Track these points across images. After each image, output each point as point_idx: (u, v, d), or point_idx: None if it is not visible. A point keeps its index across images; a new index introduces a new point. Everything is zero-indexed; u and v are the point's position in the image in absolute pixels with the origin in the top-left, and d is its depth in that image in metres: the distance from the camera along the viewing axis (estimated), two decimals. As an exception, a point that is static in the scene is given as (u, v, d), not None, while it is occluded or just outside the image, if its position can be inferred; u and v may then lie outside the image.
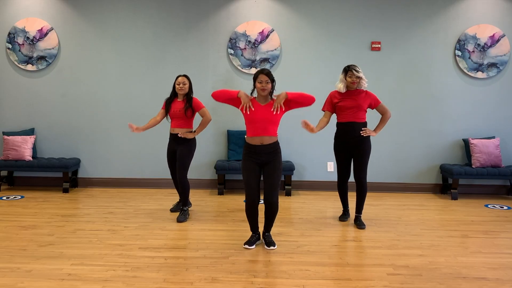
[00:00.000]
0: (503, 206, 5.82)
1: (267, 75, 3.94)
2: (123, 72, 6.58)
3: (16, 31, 6.50)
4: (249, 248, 4.03)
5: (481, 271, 3.60)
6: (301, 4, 6.45)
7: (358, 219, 4.81)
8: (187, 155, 4.91)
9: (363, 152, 4.70)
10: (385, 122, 4.80)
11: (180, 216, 4.91)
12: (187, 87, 4.93)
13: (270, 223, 4.11)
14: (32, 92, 6.60)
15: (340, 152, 4.80)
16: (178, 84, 4.92)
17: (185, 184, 4.92)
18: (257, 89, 3.98)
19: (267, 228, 4.13)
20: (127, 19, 6.53)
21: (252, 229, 4.16)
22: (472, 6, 6.39)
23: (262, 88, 3.93)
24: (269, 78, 3.94)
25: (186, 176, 4.92)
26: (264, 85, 3.93)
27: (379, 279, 3.41)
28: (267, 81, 3.94)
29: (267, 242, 4.08)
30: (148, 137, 6.60)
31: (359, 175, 4.71)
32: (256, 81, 3.96)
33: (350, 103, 4.66)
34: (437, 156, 6.54)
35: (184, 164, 4.90)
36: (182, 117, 4.91)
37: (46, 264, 3.63)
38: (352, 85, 4.66)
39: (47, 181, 6.65)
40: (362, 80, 4.67)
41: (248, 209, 4.04)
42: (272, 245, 4.05)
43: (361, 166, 4.70)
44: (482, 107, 6.47)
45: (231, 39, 6.48)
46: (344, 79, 4.69)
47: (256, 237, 4.14)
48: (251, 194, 3.96)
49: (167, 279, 3.36)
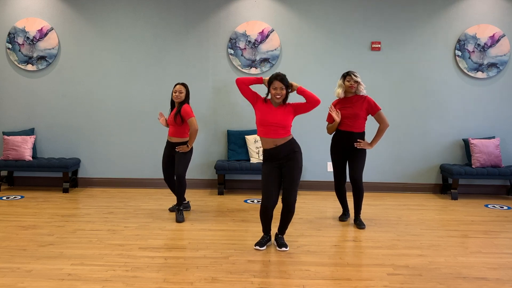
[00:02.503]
0: (503, 206, 5.82)
1: (281, 81, 3.89)
2: (123, 72, 6.58)
3: (16, 31, 6.50)
4: (259, 249, 4.00)
5: (481, 271, 3.60)
6: (301, 4, 6.45)
7: (357, 219, 4.82)
8: (185, 157, 4.97)
9: (358, 156, 4.73)
10: (382, 134, 4.73)
11: (179, 216, 4.91)
12: (183, 95, 4.98)
13: (285, 224, 4.05)
14: (32, 92, 6.60)
15: (336, 155, 4.85)
16: (175, 92, 5.00)
17: (183, 181, 4.94)
18: (271, 94, 3.94)
19: (282, 230, 4.08)
20: (127, 19, 6.53)
21: (264, 231, 4.11)
22: (472, 6, 6.39)
23: (276, 95, 3.90)
24: (283, 85, 3.89)
25: (185, 175, 4.95)
26: (279, 92, 3.89)
27: (379, 279, 3.41)
28: (282, 88, 3.89)
29: (279, 243, 4.04)
30: (148, 137, 6.61)
31: (354, 176, 4.73)
32: (271, 87, 3.92)
33: (348, 111, 4.68)
34: (437, 156, 6.54)
35: (184, 163, 4.96)
36: (174, 124, 4.98)
37: (46, 264, 3.63)
38: (350, 89, 4.68)
39: (47, 181, 6.65)
40: (360, 85, 4.68)
41: (263, 213, 3.99)
42: (284, 247, 4.01)
43: (356, 168, 4.73)
44: (482, 107, 6.47)
45: (231, 39, 6.48)
46: (343, 84, 4.72)
47: (267, 239, 4.10)
48: (267, 199, 3.91)
49: (167, 279, 3.36)
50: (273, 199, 3.91)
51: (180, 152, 4.93)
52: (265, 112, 3.93)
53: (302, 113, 4.04)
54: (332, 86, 5.10)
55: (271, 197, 3.90)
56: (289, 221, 4.05)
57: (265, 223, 4.06)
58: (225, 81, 6.51)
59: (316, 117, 6.30)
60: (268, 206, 3.92)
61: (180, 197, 4.97)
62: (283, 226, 4.07)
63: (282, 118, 3.90)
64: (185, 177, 4.95)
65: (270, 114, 3.92)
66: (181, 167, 4.92)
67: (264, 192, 3.92)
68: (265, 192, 3.91)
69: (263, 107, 3.97)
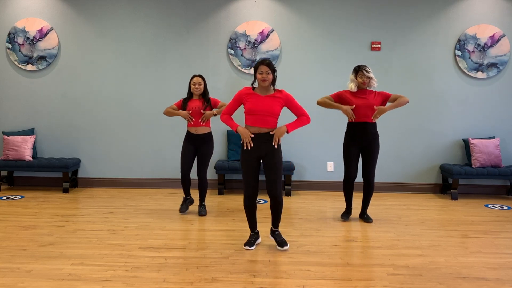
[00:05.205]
0: (503, 206, 5.82)
1: (268, 66, 3.87)
2: (123, 72, 6.58)
3: (16, 31, 6.50)
4: (249, 249, 4.01)
5: (481, 271, 3.60)
6: (301, 4, 6.45)
7: (365, 214, 4.98)
8: (210, 154, 5.13)
9: (373, 153, 4.81)
10: (399, 103, 4.77)
11: (202, 210, 5.13)
12: (202, 87, 5.04)
13: (277, 217, 4.06)
14: (32, 92, 6.60)
15: (350, 150, 4.84)
16: (194, 84, 5.02)
17: (206, 181, 5.15)
18: (257, 80, 3.92)
19: (275, 223, 4.09)
20: (127, 19, 6.53)
21: (251, 227, 4.12)
22: (472, 6, 6.39)
23: (262, 79, 3.87)
24: (269, 69, 3.88)
25: (206, 174, 5.15)
26: (265, 76, 3.87)
27: (379, 279, 3.41)
28: (268, 72, 3.87)
29: (279, 242, 4.04)
30: (148, 137, 6.61)
31: (368, 174, 4.85)
32: (257, 71, 3.91)
33: (362, 102, 4.72)
34: (437, 156, 6.54)
35: (207, 162, 5.12)
36: (200, 115, 5.00)
37: (46, 264, 3.63)
38: (363, 85, 4.73)
39: (47, 181, 6.65)
40: (372, 80, 4.71)
41: (246, 205, 4.01)
42: (285, 245, 4.00)
43: (371, 166, 4.84)
44: (482, 107, 6.47)
45: (231, 39, 6.48)
46: (355, 79, 4.74)
47: (255, 236, 4.12)
48: (249, 188, 3.95)
49: (167, 279, 3.36)
50: (254, 187, 3.95)
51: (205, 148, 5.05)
52: (253, 102, 3.92)
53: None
54: (332, 86, 5.11)
55: (252, 185, 3.94)
56: (280, 212, 4.05)
57: (250, 216, 4.07)
58: (225, 81, 6.51)
59: (316, 117, 6.31)
60: (251, 194, 3.96)
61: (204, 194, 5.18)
62: (276, 219, 4.08)
63: (270, 106, 3.89)
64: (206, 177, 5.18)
65: (258, 102, 3.91)
66: (205, 168, 5.11)
67: (246, 181, 3.96)
68: (247, 181, 3.95)
69: (251, 98, 3.94)
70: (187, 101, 5.07)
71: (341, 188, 5.15)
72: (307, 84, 6.41)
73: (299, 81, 6.46)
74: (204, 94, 5.07)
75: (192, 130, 5.06)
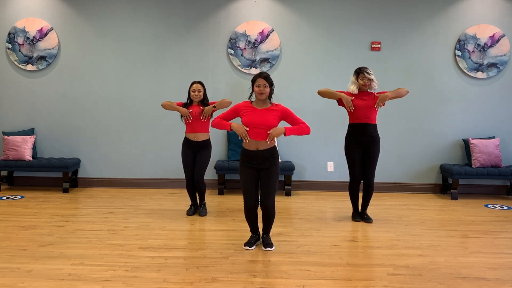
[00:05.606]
0: (503, 206, 5.82)
1: (265, 79, 3.90)
2: (123, 72, 6.58)
3: (16, 31, 6.50)
4: (249, 249, 4.03)
5: (481, 271, 3.60)
6: (301, 4, 6.45)
7: (364, 214, 5.00)
8: (208, 160, 5.12)
9: (374, 155, 4.83)
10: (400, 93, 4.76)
11: (202, 211, 5.13)
12: (202, 94, 5.06)
13: (268, 226, 4.10)
14: (32, 92, 6.60)
15: (353, 153, 4.85)
16: (194, 91, 5.04)
17: (202, 184, 5.11)
18: (255, 93, 3.94)
19: (266, 231, 4.12)
20: (127, 19, 6.53)
21: (252, 230, 4.16)
22: (472, 6, 6.38)
23: (260, 92, 3.90)
24: (267, 82, 3.90)
25: (203, 177, 5.10)
26: (262, 89, 3.90)
27: (379, 279, 3.41)
28: (265, 85, 3.90)
29: (265, 243, 4.07)
30: (148, 137, 6.61)
31: (368, 177, 4.86)
32: (254, 84, 3.94)
33: (362, 103, 4.73)
34: (437, 156, 6.54)
35: (205, 166, 5.10)
36: (200, 120, 4.99)
37: (46, 264, 3.63)
38: (364, 87, 4.74)
39: (47, 181, 6.65)
40: (373, 82, 4.72)
41: (247, 213, 4.06)
42: (269, 246, 4.04)
43: (372, 169, 4.85)
44: (482, 107, 6.47)
45: (231, 39, 6.48)
46: (356, 81, 4.74)
47: (256, 238, 4.14)
48: (248, 199, 3.97)
49: (167, 279, 3.36)
50: (254, 198, 3.97)
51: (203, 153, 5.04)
52: (250, 115, 3.94)
53: None
54: (332, 86, 5.10)
55: (252, 196, 3.96)
56: (271, 222, 4.09)
57: (251, 222, 4.12)
58: (225, 81, 6.51)
59: (316, 117, 6.31)
60: (251, 206, 3.99)
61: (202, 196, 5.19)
62: (267, 227, 4.11)
63: (267, 119, 3.90)
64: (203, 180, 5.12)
65: (254, 116, 3.92)
66: (202, 171, 5.08)
67: (245, 193, 3.99)
68: (246, 192, 3.98)
69: (248, 111, 3.96)
70: (186, 107, 5.08)
71: (341, 188, 5.17)
72: (307, 84, 6.40)
73: (299, 81, 6.46)
74: (203, 101, 5.07)
75: (191, 137, 5.06)
